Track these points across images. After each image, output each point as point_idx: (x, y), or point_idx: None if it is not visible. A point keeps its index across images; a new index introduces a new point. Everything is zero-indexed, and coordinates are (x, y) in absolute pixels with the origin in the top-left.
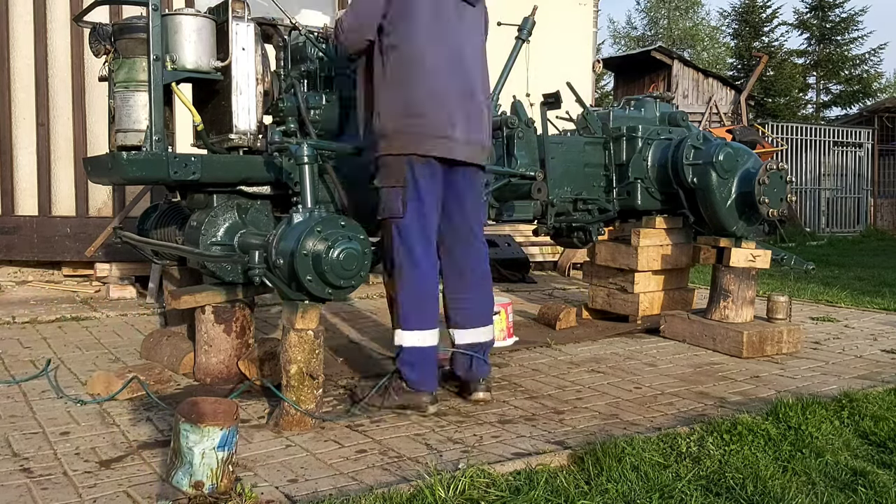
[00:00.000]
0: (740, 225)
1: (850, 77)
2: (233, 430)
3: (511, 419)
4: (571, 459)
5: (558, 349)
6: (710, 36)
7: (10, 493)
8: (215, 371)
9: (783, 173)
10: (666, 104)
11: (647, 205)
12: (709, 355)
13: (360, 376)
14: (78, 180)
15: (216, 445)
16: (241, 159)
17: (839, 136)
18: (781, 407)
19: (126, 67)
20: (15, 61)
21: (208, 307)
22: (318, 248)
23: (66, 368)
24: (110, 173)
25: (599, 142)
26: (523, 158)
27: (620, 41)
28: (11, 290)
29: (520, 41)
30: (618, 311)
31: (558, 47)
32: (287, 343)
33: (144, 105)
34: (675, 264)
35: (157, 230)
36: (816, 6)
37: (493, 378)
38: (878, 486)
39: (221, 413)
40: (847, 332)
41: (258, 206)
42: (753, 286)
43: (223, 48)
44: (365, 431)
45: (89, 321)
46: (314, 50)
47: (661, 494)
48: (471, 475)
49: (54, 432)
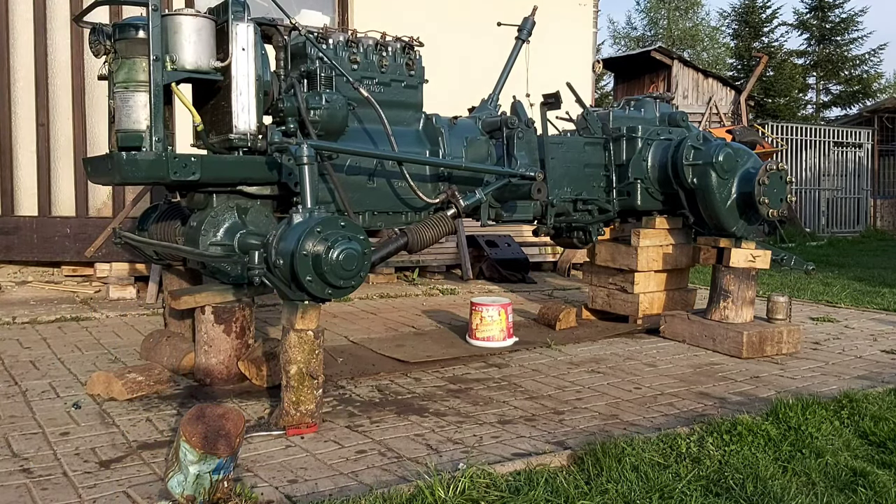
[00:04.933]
0: (740, 225)
1: (850, 77)
2: (231, 458)
3: (511, 419)
4: (571, 459)
5: (558, 349)
6: (710, 36)
7: (10, 494)
8: (215, 371)
9: (783, 174)
10: (666, 104)
11: (647, 205)
12: (709, 356)
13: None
14: (78, 180)
15: (212, 470)
16: (241, 159)
17: (839, 137)
18: (781, 407)
19: (126, 67)
20: (15, 61)
21: (208, 307)
22: (318, 248)
23: (66, 368)
24: (110, 173)
25: (599, 142)
26: (523, 158)
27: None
28: (11, 291)
29: (520, 41)
30: (618, 311)
31: (558, 47)
32: (287, 343)
33: (144, 105)
34: (675, 264)
35: (158, 230)
36: (816, 6)
37: (493, 378)
38: (878, 486)
39: (223, 438)
40: (847, 333)
41: (258, 207)
42: (753, 286)
43: (223, 48)
44: (365, 431)
45: (89, 321)
46: (314, 50)
47: (661, 494)
48: (471, 475)
49: (54, 433)
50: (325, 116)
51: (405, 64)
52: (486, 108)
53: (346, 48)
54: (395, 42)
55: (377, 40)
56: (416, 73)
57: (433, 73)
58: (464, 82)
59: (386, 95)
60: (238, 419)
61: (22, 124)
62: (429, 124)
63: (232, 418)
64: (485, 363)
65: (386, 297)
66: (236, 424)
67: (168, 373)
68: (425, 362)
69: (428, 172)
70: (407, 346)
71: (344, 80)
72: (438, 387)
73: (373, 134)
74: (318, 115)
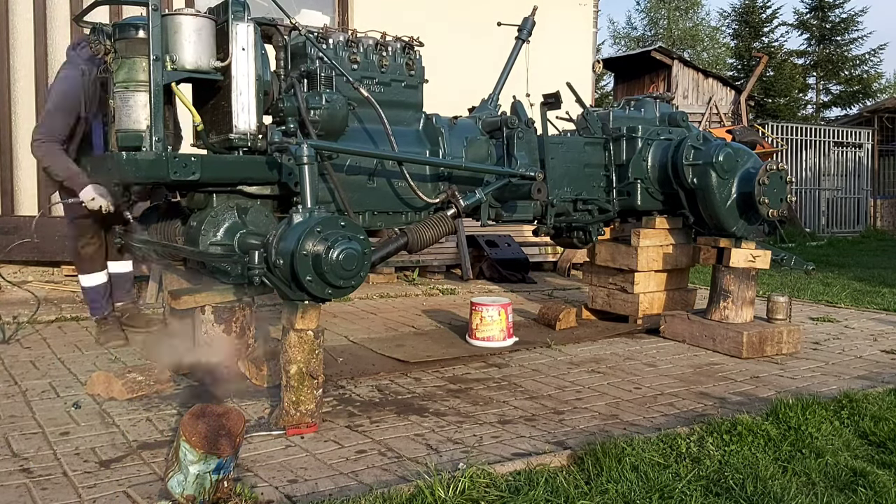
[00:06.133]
0: (740, 225)
1: (850, 77)
2: (231, 457)
3: (511, 419)
4: (571, 459)
5: (558, 349)
6: (710, 36)
7: (10, 494)
8: (215, 371)
9: (783, 174)
10: (666, 104)
11: (647, 205)
12: (709, 356)
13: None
14: None
15: (212, 470)
16: (241, 159)
17: (839, 137)
18: (781, 407)
19: (126, 67)
20: (15, 61)
21: (208, 307)
22: (318, 248)
23: (66, 368)
24: (110, 173)
25: (599, 142)
26: (523, 158)
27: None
28: (11, 290)
29: (520, 41)
30: (618, 311)
31: (558, 47)
32: (287, 343)
33: (144, 105)
34: (675, 264)
35: (158, 230)
36: (816, 6)
37: (493, 378)
38: (878, 486)
39: (224, 438)
40: (847, 333)
41: (258, 206)
42: (753, 286)
43: (223, 48)
44: (365, 431)
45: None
46: (314, 50)
47: (661, 495)
48: (471, 475)
49: (54, 432)
50: (325, 116)
51: (405, 64)
52: (486, 108)
53: (346, 48)
54: (396, 42)
55: (377, 40)
56: (416, 73)
57: (433, 73)
58: (464, 82)
59: (386, 95)
60: (238, 419)
61: (22, 124)
62: (429, 124)
63: (232, 418)
64: (485, 363)
65: (386, 297)
66: (236, 424)
67: (168, 372)
68: (425, 362)
69: (428, 172)
70: (407, 346)
71: (344, 79)
72: (438, 387)
73: (373, 134)
74: (318, 114)
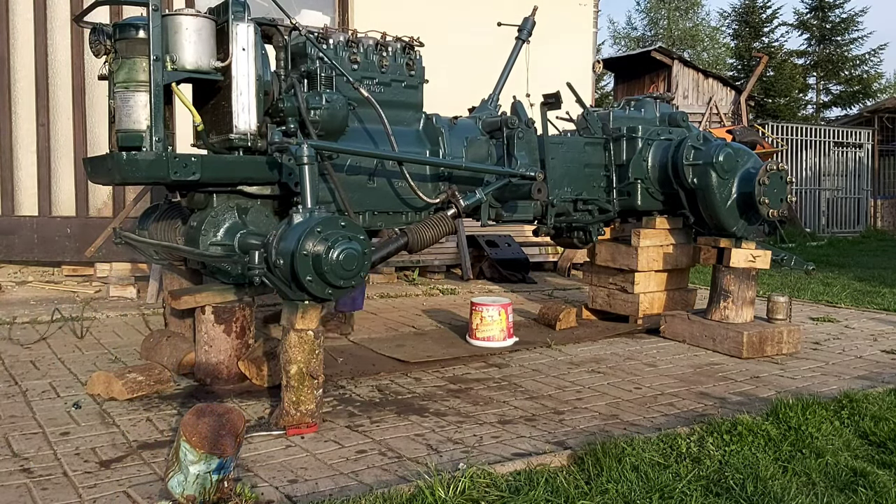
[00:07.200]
0: (740, 225)
1: (851, 77)
2: (231, 457)
3: (511, 419)
4: (571, 459)
5: (558, 349)
6: (710, 36)
7: (10, 493)
8: (215, 371)
9: (783, 174)
10: (666, 105)
11: (647, 205)
12: (709, 356)
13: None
14: (78, 180)
15: (212, 470)
16: (242, 159)
17: (839, 137)
18: (781, 407)
19: (126, 67)
20: (15, 61)
21: (208, 307)
22: (319, 248)
23: (66, 368)
24: (110, 173)
25: (599, 142)
26: (523, 158)
27: (620, 41)
28: (11, 290)
29: (520, 41)
30: (618, 311)
31: (558, 47)
32: (287, 343)
33: (145, 105)
34: (676, 265)
35: (158, 230)
36: (816, 6)
37: (493, 378)
38: (878, 486)
39: (224, 438)
40: (847, 333)
41: (258, 207)
42: (753, 286)
43: (223, 48)
44: (365, 431)
45: (89, 321)
46: (314, 50)
47: (661, 494)
48: (471, 475)
49: (54, 432)
50: (326, 116)
51: (405, 64)
52: (487, 108)
53: (347, 48)
54: (396, 42)
55: (377, 40)
56: (417, 73)
57: (433, 73)
58: (464, 82)
59: (386, 95)
60: (238, 419)
61: (22, 124)
62: (429, 124)
63: (232, 418)
64: (485, 363)
65: (386, 297)
66: (237, 424)
67: (168, 373)
68: (425, 362)
69: (428, 172)
70: (407, 346)
71: (344, 80)
72: (438, 387)
73: (373, 134)
74: (318, 115)
